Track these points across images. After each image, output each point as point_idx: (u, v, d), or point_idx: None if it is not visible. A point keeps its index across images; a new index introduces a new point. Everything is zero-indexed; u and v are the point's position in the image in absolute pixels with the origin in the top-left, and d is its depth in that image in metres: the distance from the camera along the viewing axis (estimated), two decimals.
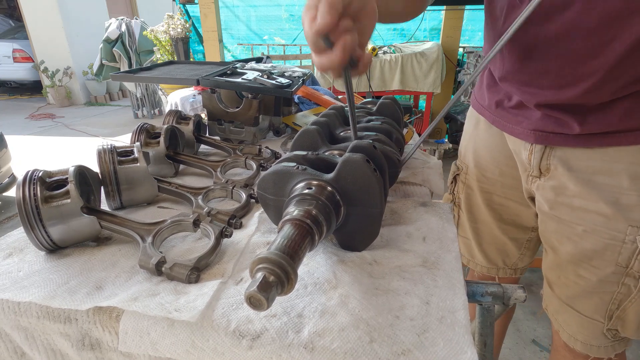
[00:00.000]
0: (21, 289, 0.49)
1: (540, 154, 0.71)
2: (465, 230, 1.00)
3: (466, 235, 1.01)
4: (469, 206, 0.97)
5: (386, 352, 0.40)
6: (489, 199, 0.91)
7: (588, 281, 0.71)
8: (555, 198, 0.72)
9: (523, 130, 0.72)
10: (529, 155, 0.73)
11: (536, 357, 1.66)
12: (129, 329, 0.44)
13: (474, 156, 0.91)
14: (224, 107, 1.00)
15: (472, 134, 0.92)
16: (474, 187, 0.93)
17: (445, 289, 0.48)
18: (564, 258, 0.74)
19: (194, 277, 0.49)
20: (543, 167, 0.72)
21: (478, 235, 0.98)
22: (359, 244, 0.56)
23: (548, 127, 0.68)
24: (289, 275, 0.38)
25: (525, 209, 0.87)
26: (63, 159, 4.10)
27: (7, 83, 8.09)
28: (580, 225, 0.69)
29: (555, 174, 0.70)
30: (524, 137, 0.73)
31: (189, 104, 2.78)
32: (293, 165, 0.53)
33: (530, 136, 0.71)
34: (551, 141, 0.69)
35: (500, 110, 0.78)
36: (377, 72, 3.35)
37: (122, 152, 0.67)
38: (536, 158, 0.72)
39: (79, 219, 0.54)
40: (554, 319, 0.80)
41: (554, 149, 0.70)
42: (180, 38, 3.98)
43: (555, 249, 0.76)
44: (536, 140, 0.70)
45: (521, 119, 0.72)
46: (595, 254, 0.68)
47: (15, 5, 7.60)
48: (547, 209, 0.74)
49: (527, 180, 0.78)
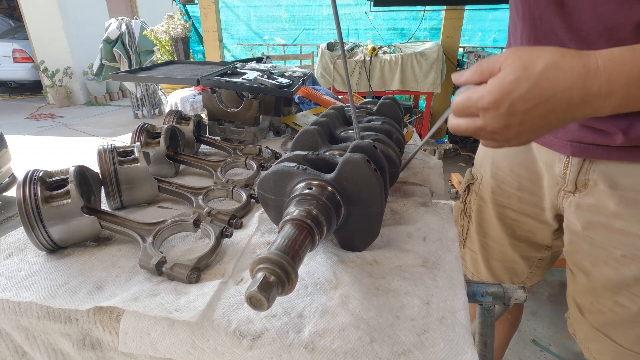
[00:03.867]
0: (21, 288, 0.49)
1: (577, 167, 0.65)
2: (473, 244, 0.94)
3: (473, 249, 0.95)
4: (479, 219, 0.91)
5: (386, 352, 0.40)
6: (503, 213, 0.85)
7: (627, 310, 0.65)
8: (591, 217, 0.65)
9: (558, 141, 0.65)
10: (564, 168, 0.67)
11: (536, 357, 1.66)
12: (129, 329, 0.44)
13: (491, 166, 0.85)
14: (224, 107, 1.00)
15: None
16: (487, 199, 0.87)
17: (445, 289, 0.48)
18: (598, 283, 0.68)
19: (195, 277, 0.49)
20: (580, 182, 0.65)
21: (486, 250, 0.92)
22: (360, 244, 0.56)
23: (587, 138, 0.61)
24: (289, 275, 0.38)
25: (542, 227, 0.81)
26: (63, 159, 4.09)
27: (7, 83, 8.09)
28: (618, 249, 0.63)
29: (594, 190, 0.64)
30: (560, 148, 0.66)
31: (189, 104, 2.78)
32: (293, 165, 0.53)
33: (566, 148, 0.64)
34: (591, 154, 0.62)
35: None
36: (377, 72, 3.35)
37: (122, 152, 0.67)
38: (573, 172, 0.65)
39: (79, 219, 0.54)
40: (584, 346, 0.74)
41: (594, 162, 0.63)
42: (180, 38, 3.98)
43: (588, 272, 0.70)
44: (573, 153, 0.64)
45: (557, 129, 0.67)
46: (636, 282, 0.62)
47: (15, 5, 7.59)
48: (580, 228, 0.68)
49: (558, 195, 0.71)
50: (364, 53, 3.34)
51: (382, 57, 3.34)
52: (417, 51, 3.35)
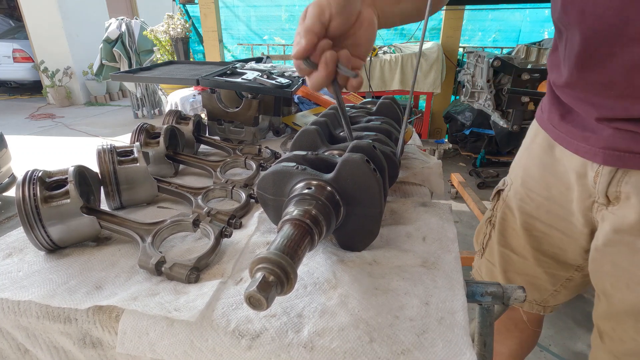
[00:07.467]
0: (21, 288, 0.49)
1: (608, 177, 0.59)
2: (493, 255, 0.87)
3: (492, 260, 0.88)
4: (502, 228, 0.84)
5: (386, 351, 0.40)
6: (530, 224, 0.78)
7: None
8: (613, 234, 0.61)
9: (591, 148, 0.60)
10: (595, 177, 0.61)
11: (536, 357, 1.66)
12: (128, 329, 0.44)
13: (522, 173, 0.79)
14: (223, 107, 1.00)
15: (527, 148, 0.79)
16: (513, 207, 0.81)
17: (444, 290, 0.48)
18: (619, 308, 0.63)
19: (194, 277, 0.49)
20: (611, 194, 0.60)
21: (506, 261, 0.85)
22: (359, 243, 0.56)
23: (622, 145, 0.56)
24: (288, 275, 0.38)
25: (572, 243, 0.73)
26: (63, 159, 4.10)
27: (7, 83, 8.09)
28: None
29: (626, 204, 0.58)
30: (591, 156, 0.60)
31: (189, 104, 2.78)
32: (293, 165, 0.53)
33: (598, 155, 0.59)
34: (625, 162, 0.56)
35: (565, 124, 0.66)
36: (377, 72, 3.35)
37: (121, 152, 0.67)
38: (602, 182, 0.60)
39: (78, 219, 0.54)
40: None
41: (627, 172, 0.57)
42: (180, 38, 3.99)
43: (609, 295, 0.65)
44: (605, 161, 0.58)
45: (589, 134, 0.60)
46: None
47: (15, 5, 7.59)
48: (601, 245, 0.63)
49: (592, 208, 0.65)
50: None
51: (382, 57, 3.35)
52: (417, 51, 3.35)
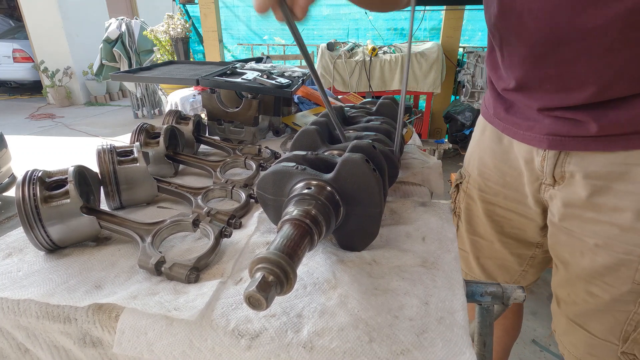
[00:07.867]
0: (20, 288, 0.49)
1: (554, 160, 0.66)
2: (464, 243, 0.95)
3: (464, 248, 0.96)
4: (468, 217, 0.92)
5: (385, 351, 0.40)
6: (491, 210, 0.85)
7: (600, 299, 0.65)
8: (564, 209, 0.67)
9: (535, 135, 0.66)
10: (542, 162, 0.68)
11: (536, 357, 1.66)
12: (127, 328, 0.44)
13: (478, 164, 0.86)
14: (223, 107, 1.00)
15: (478, 141, 0.86)
16: (475, 196, 0.88)
17: (444, 290, 0.48)
18: (573, 274, 0.69)
19: (194, 277, 0.49)
20: (557, 174, 0.67)
21: (476, 248, 0.93)
22: (359, 243, 0.56)
23: (562, 130, 0.62)
24: (288, 275, 0.38)
25: (529, 223, 0.81)
26: (63, 159, 4.10)
27: (7, 83, 8.09)
28: (591, 238, 0.64)
29: (571, 182, 0.65)
30: (537, 143, 0.67)
31: (189, 104, 2.78)
32: (292, 165, 0.53)
33: (543, 142, 0.65)
34: (566, 145, 0.63)
35: (510, 117, 0.72)
36: (377, 72, 3.35)
37: (121, 152, 0.67)
38: (549, 165, 0.67)
39: (78, 219, 0.54)
40: (559, 340, 0.76)
41: (569, 154, 0.64)
42: (180, 38, 3.99)
43: (566, 263, 0.71)
44: (550, 146, 0.65)
45: (532, 124, 0.67)
46: (608, 270, 0.63)
47: (15, 5, 7.59)
48: (557, 220, 0.70)
49: (540, 189, 0.72)
50: (364, 53, 3.34)
51: (382, 57, 3.34)
52: (417, 51, 3.35)
